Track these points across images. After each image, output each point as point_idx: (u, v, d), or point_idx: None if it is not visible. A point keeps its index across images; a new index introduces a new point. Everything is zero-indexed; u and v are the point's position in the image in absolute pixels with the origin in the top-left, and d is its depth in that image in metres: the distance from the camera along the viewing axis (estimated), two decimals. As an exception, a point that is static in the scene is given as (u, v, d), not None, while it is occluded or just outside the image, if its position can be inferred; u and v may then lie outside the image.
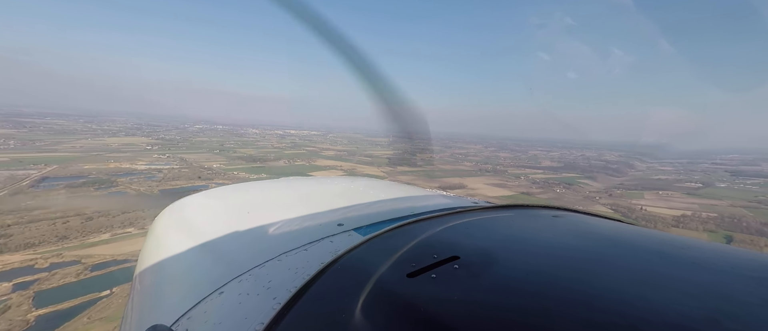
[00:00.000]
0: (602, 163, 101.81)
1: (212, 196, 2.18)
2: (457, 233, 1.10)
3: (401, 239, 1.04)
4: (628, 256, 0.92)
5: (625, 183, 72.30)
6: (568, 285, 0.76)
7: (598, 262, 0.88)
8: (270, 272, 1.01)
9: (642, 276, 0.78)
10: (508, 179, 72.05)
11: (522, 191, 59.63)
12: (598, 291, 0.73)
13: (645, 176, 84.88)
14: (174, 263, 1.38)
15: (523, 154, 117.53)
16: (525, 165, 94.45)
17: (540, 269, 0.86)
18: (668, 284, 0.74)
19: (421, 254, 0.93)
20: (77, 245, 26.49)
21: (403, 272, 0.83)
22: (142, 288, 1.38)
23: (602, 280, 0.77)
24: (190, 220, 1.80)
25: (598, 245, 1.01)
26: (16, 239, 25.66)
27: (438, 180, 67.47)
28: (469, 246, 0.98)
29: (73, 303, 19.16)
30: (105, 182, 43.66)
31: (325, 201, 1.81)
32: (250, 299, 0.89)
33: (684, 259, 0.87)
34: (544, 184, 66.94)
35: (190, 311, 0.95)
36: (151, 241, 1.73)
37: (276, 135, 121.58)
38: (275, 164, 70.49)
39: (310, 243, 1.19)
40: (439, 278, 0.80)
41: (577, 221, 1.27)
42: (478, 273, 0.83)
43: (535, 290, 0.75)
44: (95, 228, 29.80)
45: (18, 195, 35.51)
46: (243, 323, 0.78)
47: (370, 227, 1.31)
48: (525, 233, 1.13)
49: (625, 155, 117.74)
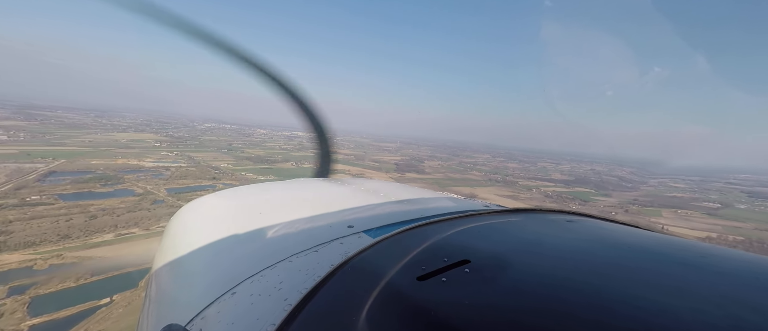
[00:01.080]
0: (614, 179, 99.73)
1: (226, 196, 2.20)
2: (467, 237, 1.08)
3: (411, 242, 1.02)
4: (644, 262, 0.89)
5: (640, 199, 70.08)
6: (582, 291, 0.73)
7: (613, 267, 0.85)
8: (281, 274, 1.01)
9: (659, 282, 0.76)
10: (519, 190, 70.24)
11: (535, 204, 57.76)
12: (613, 297, 0.70)
13: (658, 193, 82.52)
14: (188, 263, 1.39)
15: (532, 165, 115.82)
16: (535, 177, 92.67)
17: (553, 273, 0.83)
18: (687, 291, 0.71)
19: (431, 257, 0.91)
20: (79, 246, 25.42)
21: (414, 275, 0.82)
22: (159, 287, 1.39)
23: (617, 286, 0.75)
24: (204, 220, 1.82)
25: (613, 250, 0.98)
26: (16, 237, 24.68)
27: (447, 189, 66.01)
28: (480, 250, 0.96)
29: (70, 312, 17.97)
30: (111, 179, 42.96)
31: (335, 203, 1.81)
32: (262, 299, 0.89)
33: (704, 266, 0.84)
34: (557, 198, 64.98)
35: (204, 311, 0.96)
36: (167, 241, 1.74)
37: (284, 136, 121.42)
38: (283, 166, 69.63)
39: (321, 245, 1.19)
40: (450, 282, 0.79)
41: (592, 226, 1.22)
42: (489, 277, 0.81)
43: (547, 295, 0.73)
44: (99, 227, 28.76)
45: (23, 189, 34.76)
46: (255, 323, 0.78)
47: (381, 229, 1.31)
48: (538, 237, 1.10)
49: (635, 171, 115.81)
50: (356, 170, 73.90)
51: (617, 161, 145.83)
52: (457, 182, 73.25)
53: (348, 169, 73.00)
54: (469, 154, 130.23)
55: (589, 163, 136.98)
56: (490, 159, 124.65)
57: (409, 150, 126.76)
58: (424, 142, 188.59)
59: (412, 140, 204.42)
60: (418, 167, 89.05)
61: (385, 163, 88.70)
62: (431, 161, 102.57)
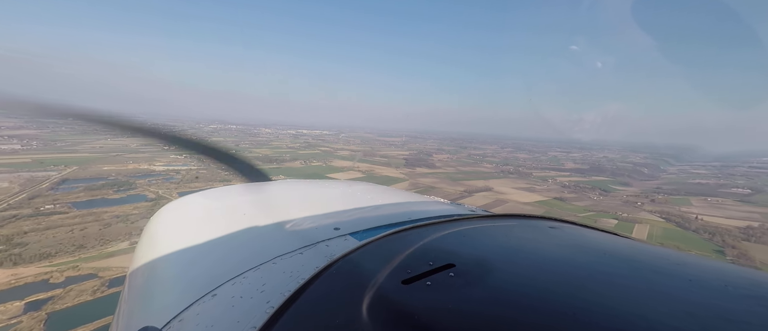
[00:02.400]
0: (629, 166, 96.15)
1: (208, 196, 2.18)
2: (453, 241, 1.10)
3: (397, 245, 1.03)
4: (623, 270, 0.91)
5: (663, 187, 67.00)
6: (563, 296, 0.75)
7: (592, 273, 0.88)
8: (264, 275, 1.00)
9: (636, 291, 0.78)
10: (535, 182, 67.93)
11: (554, 196, 55.46)
12: (592, 303, 0.73)
13: (681, 180, 79.03)
14: (167, 264, 1.35)
15: (543, 155, 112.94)
16: (547, 167, 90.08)
17: (535, 278, 0.86)
18: (662, 300, 0.74)
19: (416, 260, 0.92)
20: (95, 256, 24.89)
21: (398, 279, 0.83)
22: (135, 288, 1.35)
23: (596, 292, 0.77)
24: (185, 220, 1.79)
25: (593, 258, 1.00)
26: (31, 249, 24.25)
27: (461, 183, 64.11)
28: (465, 254, 0.97)
29: (88, 329, 17.21)
30: (124, 184, 42.65)
31: (322, 205, 1.79)
32: (244, 302, 0.88)
33: (679, 275, 0.86)
34: (575, 188, 62.47)
35: (182, 313, 0.93)
36: (146, 240, 1.71)
37: (289, 135, 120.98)
38: (292, 165, 68.74)
39: (306, 247, 1.18)
40: (434, 286, 0.80)
41: (574, 233, 1.27)
42: (473, 282, 0.82)
43: (531, 300, 0.75)
44: (114, 235, 28.24)
45: (37, 198, 34.49)
46: (235, 326, 0.77)
47: (367, 232, 1.31)
48: (521, 243, 1.13)
49: (649, 157, 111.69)
50: (366, 166, 72.70)
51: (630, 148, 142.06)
52: (469, 175, 71.23)
53: (357, 166, 71.89)
54: (476, 146, 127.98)
55: (601, 151, 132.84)
56: (498, 150, 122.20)
57: (416, 144, 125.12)
58: (429, 136, 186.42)
59: (417, 134, 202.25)
60: (427, 161, 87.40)
61: (394, 158, 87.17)
62: (439, 155, 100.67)
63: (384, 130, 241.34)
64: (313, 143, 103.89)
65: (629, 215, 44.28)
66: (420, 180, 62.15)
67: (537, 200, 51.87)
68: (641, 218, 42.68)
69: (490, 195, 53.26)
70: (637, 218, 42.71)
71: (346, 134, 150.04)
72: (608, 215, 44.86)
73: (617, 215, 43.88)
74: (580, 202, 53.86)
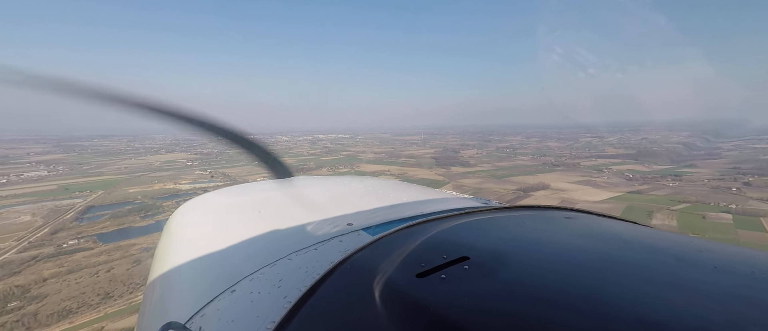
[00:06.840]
0: (678, 146, 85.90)
1: (225, 194, 2.21)
2: (467, 234, 1.09)
3: (411, 239, 1.03)
4: (644, 258, 0.89)
5: (741, 167, 57.46)
6: (581, 287, 0.74)
7: (612, 263, 0.85)
8: (281, 271, 1.02)
9: (658, 279, 0.75)
10: (589, 173, 60.10)
11: (625, 190, 47.63)
12: (612, 293, 0.71)
13: (752, 156, 68.70)
14: (188, 261, 1.39)
15: (575, 142, 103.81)
16: (589, 155, 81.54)
17: (551, 270, 0.83)
18: (686, 287, 0.71)
19: (430, 254, 0.92)
20: (123, 309, 21.02)
21: (413, 272, 0.82)
22: (157, 286, 1.40)
23: (616, 282, 0.75)
24: (204, 218, 1.85)
25: (612, 247, 0.97)
26: (50, 303, 20.61)
27: (508, 180, 57.26)
28: (479, 247, 0.96)
29: None
30: (151, 209, 39.28)
31: (335, 201, 1.82)
32: (262, 297, 0.90)
33: (702, 262, 0.84)
34: (643, 179, 54.25)
35: (204, 308, 0.96)
36: (166, 239, 1.74)
37: (307, 141, 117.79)
38: (319, 173, 64.18)
39: (320, 242, 1.20)
40: (449, 279, 0.79)
41: (591, 223, 1.25)
42: (488, 274, 0.81)
43: (546, 292, 0.73)
44: (142, 276, 24.06)
45: (60, 232, 31.22)
46: (254, 321, 0.79)
47: (380, 227, 1.32)
48: (536, 234, 1.11)
49: (692, 135, 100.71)
50: (396, 169, 67.26)
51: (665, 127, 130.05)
52: (511, 171, 64.22)
53: (387, 169, 66.62)
54: (499, 139, 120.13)
55: (636, 133, 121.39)
56: (524, 141, 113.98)
57: (436, 141, 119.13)
58: (446, 131, 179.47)
59: (433, 130, 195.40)
60: (457, 158, 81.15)
61: (421, 158, 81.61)
62: (466, 151, 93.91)
63: (398, 129, 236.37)
64: (333, 148, 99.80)
65: (739, 206, 36.18)
66: (461, 181, 55.88)
67: (608, 197, 44.24)
68: (759, 209, 34.57)
69: (551, 194, 46.16)
70: (754, 209, 34.64)
71: (362, 136, 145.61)
72: (709, 206, 37.01)
73: (729, 208, 35.91)
74: (658, 191, 45.89)
